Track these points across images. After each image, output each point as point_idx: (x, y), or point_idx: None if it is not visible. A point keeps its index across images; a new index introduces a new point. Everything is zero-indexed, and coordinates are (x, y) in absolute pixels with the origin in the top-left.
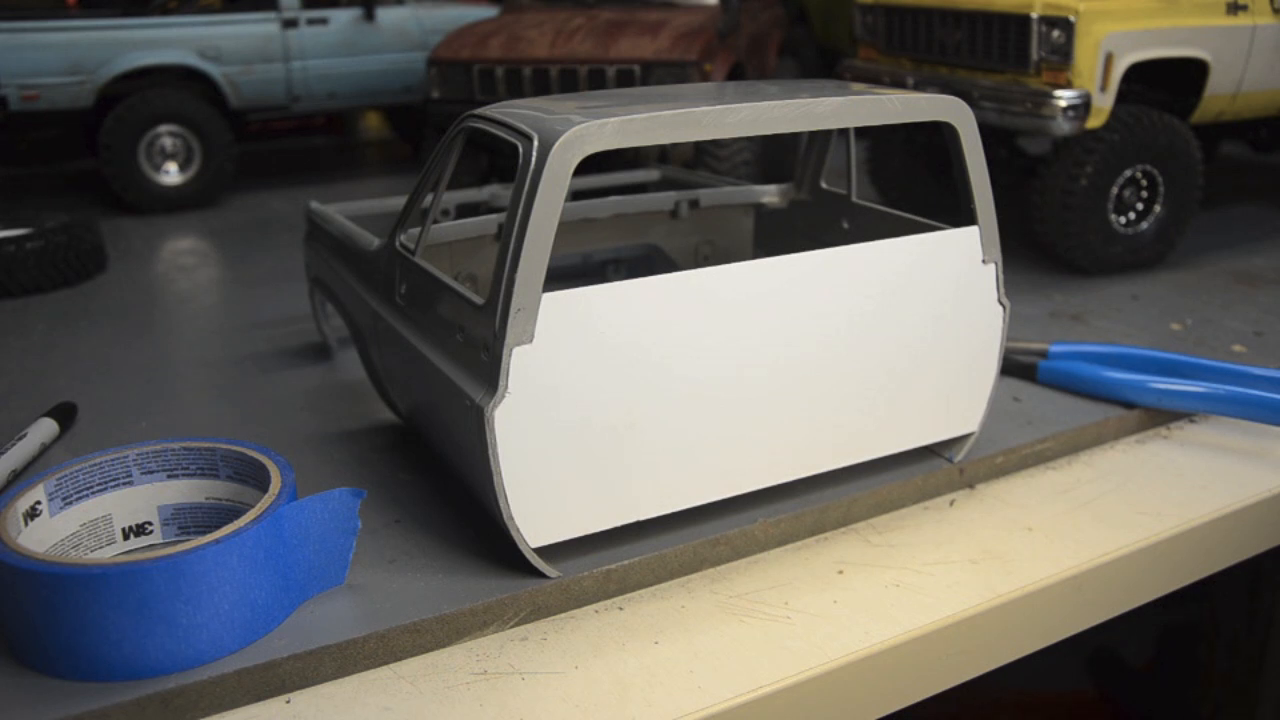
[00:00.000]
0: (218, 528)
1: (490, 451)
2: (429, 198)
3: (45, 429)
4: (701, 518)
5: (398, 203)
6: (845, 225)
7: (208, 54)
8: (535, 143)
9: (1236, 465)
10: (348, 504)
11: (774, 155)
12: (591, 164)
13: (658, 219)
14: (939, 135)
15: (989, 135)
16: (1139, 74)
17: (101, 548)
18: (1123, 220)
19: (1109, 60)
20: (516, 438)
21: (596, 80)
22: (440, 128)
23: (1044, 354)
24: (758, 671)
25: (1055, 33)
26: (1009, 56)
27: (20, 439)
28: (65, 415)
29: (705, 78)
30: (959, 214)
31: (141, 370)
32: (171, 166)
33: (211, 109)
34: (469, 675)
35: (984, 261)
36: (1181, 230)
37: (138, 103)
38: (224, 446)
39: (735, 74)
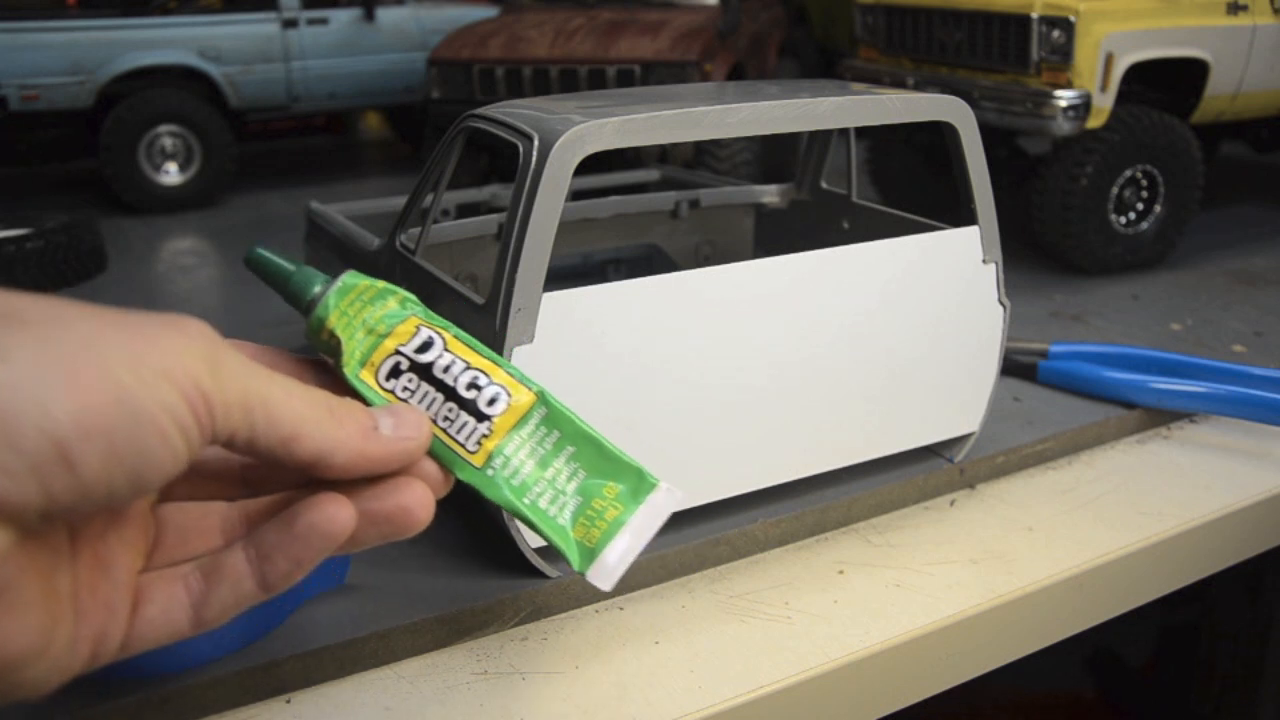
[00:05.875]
0: None
1: None
2: (429, 198)
3: None
4: (701, 518)
5: (398, 203)
6: (845, 225)
7: (208, 54)
8: (535, 143)
9: (1236, 465)
10: None
11: (774, 155)
12: (591, 164)
13: (658, 219)
14: (939, 135)
15: (989, 135)
16: (1139, 74)
17: None
18: (1123, 220)
19: (1109, 60)
20: None
21: (596, 80)
22: (440, 128)
23: (1044, 354)
24: (758, 671)
25: (1055, 33)
26: (1009, 56)
27: None
28: None
29: (705, 78)
30: (959, 214)
31: None
32: (171, 166)
33: (211, 109)
34: (469, 675)
35: (984, 261)
36: (1181, 230)
37: (138, 103)
38: None
39: (735, 74)
